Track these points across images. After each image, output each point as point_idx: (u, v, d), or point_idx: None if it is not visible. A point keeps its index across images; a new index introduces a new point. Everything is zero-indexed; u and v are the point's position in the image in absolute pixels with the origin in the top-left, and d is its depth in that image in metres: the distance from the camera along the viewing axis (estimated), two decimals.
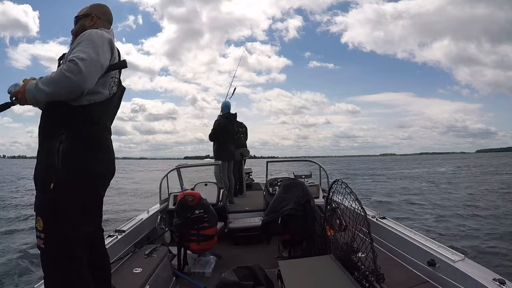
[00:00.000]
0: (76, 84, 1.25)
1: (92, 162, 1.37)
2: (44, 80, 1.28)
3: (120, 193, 12.99)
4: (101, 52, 1.35)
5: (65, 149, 1.30)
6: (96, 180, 1.41)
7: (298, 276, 1.76)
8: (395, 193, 12.26)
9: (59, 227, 1.27)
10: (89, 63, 1.28)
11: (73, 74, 1.23)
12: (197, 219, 2.65)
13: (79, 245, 1.33)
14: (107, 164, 1.46)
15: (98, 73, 1.35)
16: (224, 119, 5.04)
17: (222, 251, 3.04)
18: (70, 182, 1.29)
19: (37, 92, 1.27)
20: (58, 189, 1.27)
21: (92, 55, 1.30)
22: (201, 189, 3.72)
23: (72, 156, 1.31)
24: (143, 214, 3.19)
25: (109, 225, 5.72)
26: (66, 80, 1.24)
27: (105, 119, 1.48)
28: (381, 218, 2.71)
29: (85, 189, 1.35)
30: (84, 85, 1.27)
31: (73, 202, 1.30)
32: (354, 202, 1.91)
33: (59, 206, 1.27)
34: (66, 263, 1.29)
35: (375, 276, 1.62)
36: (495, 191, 12.21)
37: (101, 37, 1.39)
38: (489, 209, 8.29)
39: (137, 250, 2.33)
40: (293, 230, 2.55)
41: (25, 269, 4.37)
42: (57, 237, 1.27)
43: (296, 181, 2.95)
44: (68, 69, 1.24)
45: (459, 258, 1.79)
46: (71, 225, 1.29)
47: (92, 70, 1.30)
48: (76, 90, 1.27)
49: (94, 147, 1.39)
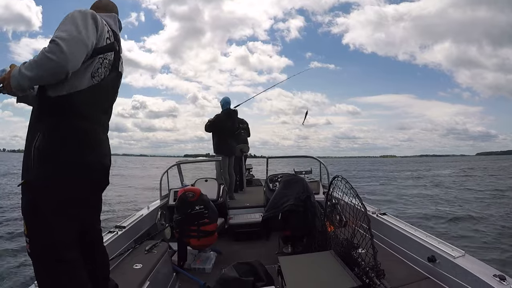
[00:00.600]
0: (59, 65, 1.14)
1: (71, 158, 1.26)
2: (27, 65, 1.18)
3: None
4: (82, 28, 1.23)
5: (41, 147, 1.22)
6: (79, 177, 1.29)
7: (298, 272, 1.76)
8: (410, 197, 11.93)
9: (41, 230, 1.22)
10: (71, 41, 1.17)
11: (55, 55, 1.13)
12: (197, 215, 2.65)
13: (67, 246, 1.26)
14: (93, 159, 1.34)
15: (83, 52, 1.23)
16: (225, 114, 5.02)
17: (222, 247, 3.04)
18: (46, 181, 1.22)
19: (20, 78, 1.18)
20: (34, 190, 1.22)
21: (73, 33, 1.19)
22: (202, 185, 3.72)
23: (48, 153, 1.22)
24: (143, 210, 3.20)
25: (110, 221, 5.73)
26: (48, 62, 1.14)
27: (91, 108, 1.35)
28: (382, 214, 2.71)
29: (65, 188, 1.25)
30: (67, 66, 1.16)
31: (52, 202, 1.23)
32: (354, 198, 1.91)
33: (38, 208, 1.21)
34: (55, 266, 1.23)
35: (375, 272, 1.62)
36: (498, 192, 12.24)
37: (83, 14, 1.28)
38: (491, 208, 8.31)
39: (138, 246, 2.33)
40: (293, 226, 2.56)
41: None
42: (41, 240, 1.22)
43: (296, 177, 2.95)
44: (49, 50, 1.14)
45: (460, 254, 1.79)
46: (54, 227, 1.23)
47: (75, 48, 1.19)
48: (60, 72, 1.16)
49: (75, 141, 1.28)
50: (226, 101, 5.13)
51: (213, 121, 4.95)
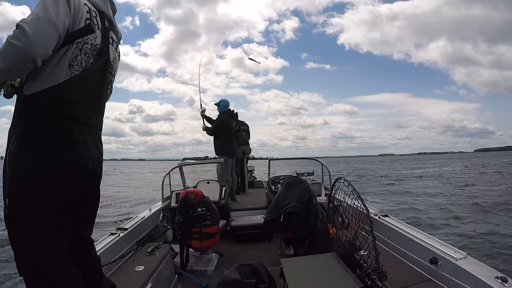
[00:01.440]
0: (23, 51, 0.98)
1: (47, 165, 1.10)
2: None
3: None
4: (51, 9, 1.05)
5: (14, 153, 1.08)
6: (55, 186, 1.12)
7: (300, 274, 1.76)
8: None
9: (22, 247, 1.10)
10: (35, 23, 1.01)
11: (19, 40, 0.97)
12: (199, 217, 2.66)
13: (52, 262, 1.12)
14: (71, 167, 1.16)
15: (51, 33, 1.04)
16: (226, 116, 5.04)
17: (224, 249, 3.05)
18: (22, 194, 1.08)
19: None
20: (11, 204, 1.09)
21: (39, 13, 1.03)
22: (203, 187, 3.73)
23: (21, 162, 1.08)
24: (145, 212, 3.21)
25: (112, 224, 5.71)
26: (12, 49, 0.98)
27: (71, 105, 1.16)
28: (383, 216, 2.71)
29: (41, 200, 1.10)
30: (33, 50, 0.99)
31: (30, 217, 1.09)
32: (356, 200, 1.91)
33: (16, 223, 1.09)
34: (47, 283, 1.11)
35: (378, 274, 1.62)
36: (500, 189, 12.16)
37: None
38: (493, 207, 8.26)
39: (140, 248, 2.34)
40: (295, 228, 2.55)
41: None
42: (24, 258, 1.11)
43: (298, 179, 2.95)
44: (13, 36, 0.98)
45: (461, 256, 1.79)
46: (35, 243, 1.10)
47: (41, 31, 1.01)
48: (26, 59, 0.99)
49: (50, 145, 1.11)
50: (225, 103, 5.15)
51: (218, 123, 4.96)
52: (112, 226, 4.59)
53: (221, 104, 5.14)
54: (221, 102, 5.15)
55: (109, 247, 2.13)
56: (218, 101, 5.20)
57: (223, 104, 5.13)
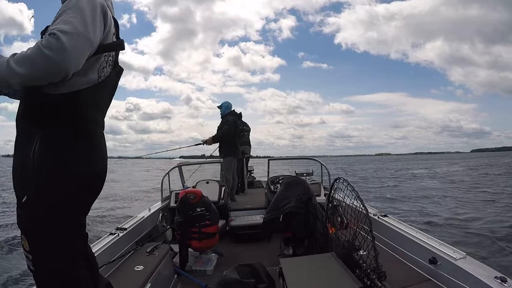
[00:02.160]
0: (57, 65, 0.96)
1: (75, 166, 1.11)
2: (17, 58, 0.97)
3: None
4: (90, 24, 1.05)
5: (41, 153, 1.07)
6: (81, 187, 1.15)
7: (299, 274, 1.77)
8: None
9: (44, 245, 1.09)
10: (74, 38, 0.98)
11: (54, 52, 0.94)
12: (199, 217, 2.65)
13: (72, 262, 1.15)
14: (94, 167, 1.19)
15: (87, 51, 1.05)
16: (234, 117, 5.11)
17: (224, 249, 3.05)
18: (49, 193, 1.08)
19: (8, 73, 0.97)
20: (36, 202, 1.07)
21: (79, 28, 1.00)
22: (203, 187, 3.73)
23: (50, 161, 1.07)
24: (144, 212, 3.20)
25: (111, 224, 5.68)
26: (44, 60, 0.94)
27: (93, 109, 1.20)
28: (383, 216, 2.71)
29: (68, 199, 1.12)
30: (68, 67, 0.98)
31: (55, 215, 1.09)
32: (355, 200, 1.91)
33: (40, 221, 1.07)
34: (61, 285, 1.12)
35: (377, 273, 1.62)
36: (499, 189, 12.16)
37: (92, 4, 1.08)
38: (493, 206, 8.28)
39: (139, 248, 2.34)
40: (294, 228, 2.55)
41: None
42: (45, 257, 1.10)
43: (297, 179, 2.95)
44: (47, 45, 0.94)
45: (461, 256, 1.79)
46: (58, 241, 1.10)
47: (79, 47, 1.00)
48: (58, 73, 0.98)
49: (78, 147, 1.13)
50: (228, 105, 5.23)
51: (232, 127, 5.00)
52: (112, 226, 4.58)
53: (223, 106, 5.21)
54: (224, 104, 5.23)
55: (108, 247, 2.13)
56: (221, 104, 5.27)
57: (225, 106, 5.20)
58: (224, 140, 5.00)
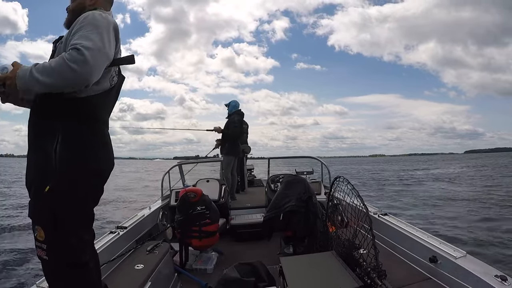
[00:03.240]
0: (81, 76, 1.10)
1: (92, 162, 1.25)
2: (41, 69, 1.10)
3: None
4: (107, 41, 1.21)
5: (63, 150, 1.17)
6: (96, 181, 1.30)
7: (299, 273, 1.76)
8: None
9: (61, 235, 1.17)
10: (96, 53, 1.13)
11: (78, 65, 1.08)
12: (199, 215, 2.65)
13: (84, 251, 1.25)
14: (106, 163, 1.34)
15: (104, 64, 1.21)
16: (240, 117, 5.18)
17: (224, 248, 3.05)
18: (69, 186, 1.18)
19: (31, 81, 1.09)
20: (56, 194, 1.16)
21: (98, 44, 1.16)
22: (203, 185, 3.73)
23: (70, 157, 1.18)
24: (144, 211, 3.20)
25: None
26: (69, 72, 1.08)
27: (104, 112, 1.36)
28: (383, 214, 2.71)
29: (85, 192, 1.25)
30: (90, 78, 1.13)
31: (73, 207, 1.21)
32: (356, 199, 1.91)
33: (59, 213, 1.16)
34: (72, 272, 1.21)
35: (377, 272, 1.62)
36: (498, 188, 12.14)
37: (107, 23, 1.24)
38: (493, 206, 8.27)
39: (139, 247, 2.34)
40: (295, 226, 2.55)
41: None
42: (60, 246, 1.18)
43: (298, 178, 2.95)
44: (72, 59, 1.08)
45: (461, 255, 1.79)
46: (73, 232, 1.20)
47: (99, 61, 1.16)
48: (81, 83, 1.13)
49: (94, 145, 1.27)
50: (236, 104, 5.29)
51: (239, 127, 5.12)
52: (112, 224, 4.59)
53: (231, 104, 5.28)
54: (232, 103, 5.30)
55: (109, 245, 2.13)
56: (229, 102, 5.33)
57: (233, 105, 5.27)
58: (229, 139, 5.06)
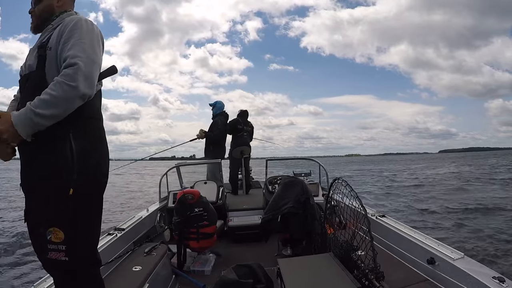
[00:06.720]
0: (84, 93, 1.11)
1: (101, 160, 1.28)
2: (41, 104, 1.06)
3: None
4: (98, 51, 1.21)
5: (78, 150, 1.16)
6: (104, 178, 1.31)
7: (297, 274, 1.76)
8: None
9: (81, 235, 1.19)
10: (91, 65, 1.14)
11: (80, 82, 1.09)
12: (197, 217, 2.65)
13: (96, 248, 1.31)
14: (107, 158, 1.36)
15: (98, 73, 1.22)
16: (224, 118, 5.15)
17: (222, 249, 3.04)
18: (87, 186, 1.19)
19: (38, 122, 1.06)
20: (80, 195, 1.15)
21: (92, 56, 1.16)
22: (201, 187, 3.72)
23: (85, 156, 1.18)
24: (142, 212, 3.20)
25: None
26: (73, 91, 1.08)
27: (100, 110, 1.38)
28: (381, 216, 2.72)
29: (99, 190, 1.27)
30: (91, 91, 1.14)
31: (94, 206, 1.24)
32: (354, 200, 1.91)
33: (81, 212, 1.17)
34: (92, 271, 1.26)
35: (375, 274, 1.62)
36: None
37: (94, 32, 1.23)
38: (490, 207, 8.29)
39: (137, 248, 2.33)
40: (292, 228, 2.55)
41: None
42: (82, 246, 1.19)
43: (295, 179, 2.95)
44: (73, 76, 1.08)
45: (459, 256, 1.79)
46: (91, 231, 1.24)
47: (95, 72, 1.17)
48: (86, 98, 1.14)
49: (100, 143, 1.30)
50: (221, 105, 5.23)
51: (223, 130, 5.09)
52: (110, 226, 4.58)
53: (216, 106, 5.19)
54: (217, 104, 5.22)
55: (106, 247, 2.13)
56: (214, 102, 5.26)
57: (218, 106, 5.18)
58: (213, 142, 5.00)
